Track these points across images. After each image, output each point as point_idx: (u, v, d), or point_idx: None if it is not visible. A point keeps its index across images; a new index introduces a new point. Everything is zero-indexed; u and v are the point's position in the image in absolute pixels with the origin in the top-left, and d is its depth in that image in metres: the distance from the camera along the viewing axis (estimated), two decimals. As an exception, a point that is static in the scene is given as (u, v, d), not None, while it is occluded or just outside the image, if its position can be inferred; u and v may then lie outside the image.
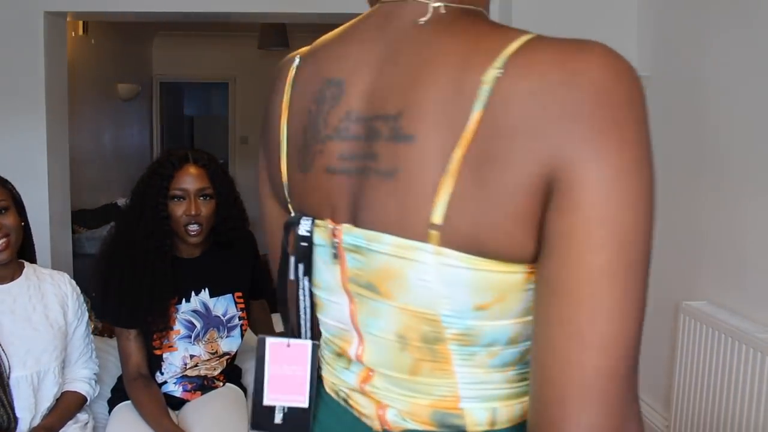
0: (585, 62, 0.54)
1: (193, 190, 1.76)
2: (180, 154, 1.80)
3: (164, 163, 1.77)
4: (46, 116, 3.33)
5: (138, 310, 1.72)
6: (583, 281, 0.53)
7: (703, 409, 2.35)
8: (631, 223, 0.55)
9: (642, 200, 0.56)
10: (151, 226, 1.73)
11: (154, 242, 1.73)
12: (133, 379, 1.75)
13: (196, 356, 1.84)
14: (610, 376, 0.54)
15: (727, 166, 2.43)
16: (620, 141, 0.55)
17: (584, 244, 0.53)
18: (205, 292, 1.85)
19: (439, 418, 0.66)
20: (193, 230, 1.77)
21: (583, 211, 0.53)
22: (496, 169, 0.55)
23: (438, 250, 0.58)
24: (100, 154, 5.33)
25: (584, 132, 0.53)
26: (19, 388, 1.60)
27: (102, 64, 5.31)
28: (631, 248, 0.55)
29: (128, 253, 1.72)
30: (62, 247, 3.55)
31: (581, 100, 0.53)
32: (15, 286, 1.68)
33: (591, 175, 0.53)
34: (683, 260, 2.72)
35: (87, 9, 3.37)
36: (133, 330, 1.75)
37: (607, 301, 0.54)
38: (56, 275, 1.79)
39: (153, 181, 1.75)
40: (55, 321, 1.70)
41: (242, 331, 1.91)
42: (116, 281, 1.73)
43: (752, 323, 2.22)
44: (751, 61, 2.30)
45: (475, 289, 0.59)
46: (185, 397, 1.85)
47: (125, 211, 1.80)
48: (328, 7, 3.32)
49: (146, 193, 1.75)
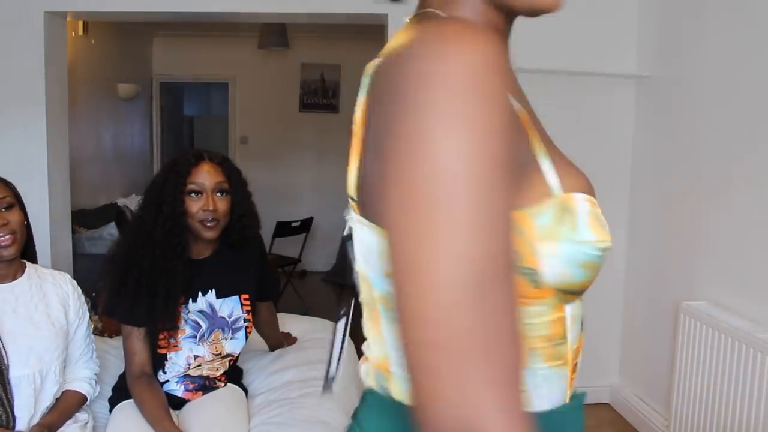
0: (407, 50, 0.56)
1: (210, 186, 1.78)
2: (195, 152, 1.83)
3: (180, 161, 1.79)
4: (46, 116, 3.33)
5: (151, 308, 1.72)
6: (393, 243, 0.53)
7: (703, 409, 2.35)
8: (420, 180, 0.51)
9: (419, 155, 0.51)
10: (169, 223, 1.73)
11: (173, 239, 1.74)
12: (137, 377, 1.76)
13: (200, 356, 1.84)
14: (425, 345, 0.49)
15: (726, 166, 2.43)
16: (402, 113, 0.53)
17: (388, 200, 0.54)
18: (211, 293, 1.86)
19: (378, 378, 0.70)
20: (211, 223, 1.78)
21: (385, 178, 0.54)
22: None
23: (358, 218, 0.66)
24: (100, 154, 5.33)
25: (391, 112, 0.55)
26: (21, 387, 1.60)
27: (102, 64, 5.31)
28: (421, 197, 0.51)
29: (148, 251, 1.73)
30: (62, 247, 3.55)
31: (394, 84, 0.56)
32: (17, 286, 1.68)
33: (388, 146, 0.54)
34: (683, 260, 2.72)
35: (87, 9, 3.37)
36: (142, 328, 1.76)
37: (406, 255, 0.51)
38: (57, 275, 1.80)
39: (169, 178, 1.76)
40: (56, 320, 1.70)
41: (247, 333, 1.92)
42: (134, 279, 1.73)
43: (752, 323, 2.22)
44: (751, 61, 2.30)
45: (384, 257, 0.59)
46: (186, 396, 1.86)
47: (142, 209, 1.80)
48: (328, 7, 3.33)
49: (163, 190, 1.76)
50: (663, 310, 2.86)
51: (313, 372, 2.04)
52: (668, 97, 2.87)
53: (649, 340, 2.99)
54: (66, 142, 3.59)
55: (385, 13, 3.31)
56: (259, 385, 2.03)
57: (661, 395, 2.86)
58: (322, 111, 6.72)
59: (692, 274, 2.65)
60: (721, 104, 2.47)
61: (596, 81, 3.08)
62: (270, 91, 6.65)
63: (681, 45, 2.76)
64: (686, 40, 2.72)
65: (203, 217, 1.77)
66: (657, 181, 2.95)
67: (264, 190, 7.07)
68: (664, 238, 2.89)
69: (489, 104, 0.52)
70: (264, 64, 6.59)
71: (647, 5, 3.00)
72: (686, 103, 2.71)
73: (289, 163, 6.74)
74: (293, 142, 6.71)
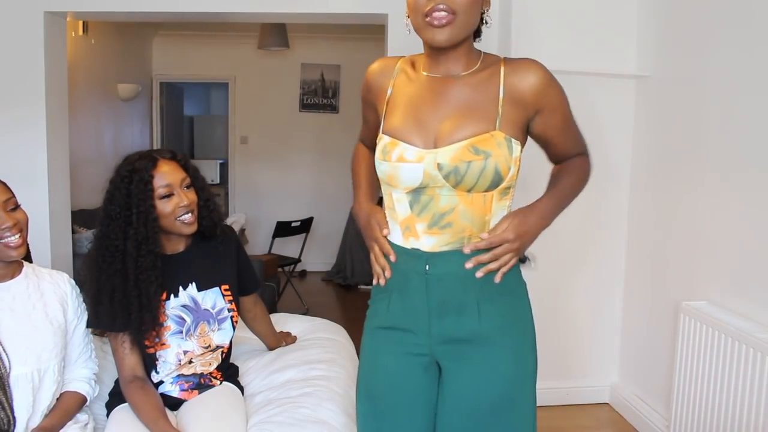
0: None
1: (176, 182, 1.78)
2: (145, 155, 1.80)
3: (137, 168, 1.75)
4: (46, 116, 3.34)
5: (129, 312, 1.72)
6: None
7: (703, 409, 2.35)
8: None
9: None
10: (143, 232, 1.72)
11: (147, 247, 1.73)
12: (129, 381, 1.75)
13: (189, 351, 1.84)
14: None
15: (726, 166, 2.43)
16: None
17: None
18: (192, 287, 1.86)
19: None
20: (188, 219, 1.79)
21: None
22: None
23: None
24: (100, 154, 5.33)
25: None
26: (19, 387, 1.59)
27: (102, 64, 5.32)
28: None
29: (121, 264, 1.72)
30: (62, 247, 3.55)
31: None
32: (14, 284, 1.68)
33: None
34: (683, 260, 2.72)
35: (87, 9, 3.37)
36: (126, 332, 1.75)
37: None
38: (55, 274, 1.80)
39: (133, 187, 1.73)
40: (54, 318, 1.70)
41: (233, 323, 1.92)
42: (108, 292, 1.72)
43: (752, 323, 2.22)
44: (751, 60, 2.30)
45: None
46: (182, 396, 1.85)
47: (105, 226, 1.75)
48: (328, 7, 3.33)
49: (128, 202, 1.73)
50: (663, 310, 2.85)
51: (313, 371, 2.04)
52: (668, 97, 2.86)
53: (649, 340, 2.99)
54: (66, 142, 3.59)
55: (385, 13, 3.31)
56: (259, 384, 2.02)
57: (661, 395, 2.86)
58: (322, 111, 6.72)
59: (692, 274, 2.65)
60: (721, 104, 2.47)
61: (596, 81, 3.08)
62: (270, 91, 6.65)
63: (681, 45, 2.76)
64: (686, 40, 2.72)
65: (180, 213, 1.77)
66: (657, 180, 2.94)
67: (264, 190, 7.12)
68: (664, 238, 2.88)
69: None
70: (264, 64, 6.59)
71: (647, 5, 3.00)
72: (686, 103, 2.71)
73: (289, 163, 6.74)
74: (293, 142, 6.71)
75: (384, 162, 1.33)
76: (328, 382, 1.98)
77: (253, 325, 2.18)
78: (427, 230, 1.31)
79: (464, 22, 1.27)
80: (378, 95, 1.43)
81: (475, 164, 1.25)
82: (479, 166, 1.25)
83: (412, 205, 1.31)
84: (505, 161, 1.26)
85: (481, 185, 1.27)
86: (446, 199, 1.29)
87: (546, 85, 1.31)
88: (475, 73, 1.34)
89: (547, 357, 3.34)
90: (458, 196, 1.29)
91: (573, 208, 1.45)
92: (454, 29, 1.26)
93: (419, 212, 1.31)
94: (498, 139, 1.27)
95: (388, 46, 3.34)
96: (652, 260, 2.99)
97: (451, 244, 1.31)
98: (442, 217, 1.30)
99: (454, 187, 1.28)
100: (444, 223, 1.30)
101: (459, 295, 1.32)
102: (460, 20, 1.26)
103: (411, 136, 1.31)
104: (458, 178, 1.26)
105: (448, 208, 1.29)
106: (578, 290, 3.22)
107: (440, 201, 1.29)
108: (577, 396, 3.29)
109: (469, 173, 1.26)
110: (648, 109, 3.03)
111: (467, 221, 1.30)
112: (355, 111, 7.47)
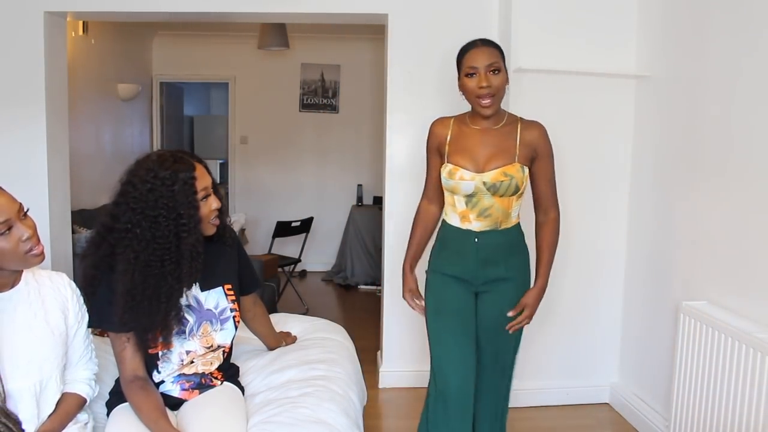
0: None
1: (210, 186, 1.80)
2: (179, 158, 1.76)
3: (181, 168, 1.72)
4: (46, 116, 3.34)
5: (157, 312, 1.71)
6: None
7: (703, 409, 2.35)
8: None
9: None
10: (195, 234, 1.72)
11: (198, 248, 1.74)
12: (130, 381, 1.74)
13: (192, 351, 1.84)
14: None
15: (726, 166, 2.43)
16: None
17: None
18: (196, 287, 1.86)
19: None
20: (216, 222, 1.83)
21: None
22: None
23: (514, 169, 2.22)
24: (100, 154, 5.33)
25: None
26: (22, 400, 1.57)
27: (102, 64, 5.32)
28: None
29: (174, 266, 1.70)
30: (62, 247, 3.55)
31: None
32: (15, 293, 1.63)
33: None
34: (683, 260, 2.72)
35: (87, 9, 3.37)
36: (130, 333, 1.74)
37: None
38: (55, 277, 1.76)
39: (177, 190, 1.70)
40: (56, 327, 1.67)
41: (235, 323, 1.92)
42: (145, 294, 1.69)
43: (752, 323, 2.22)
44: (750, 60, 2.30)
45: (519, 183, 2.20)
46: (183, 396, 1.85)
47: (153, 231, 1.68)
48: (328, 7, 3.33)
49: (175, 205, 1.69)
50: (663, 310, 2.86)
51: (313, 372, 2.04)
52: (668, 97, 2.86)
53: (649, 340, 2.99)
54: (66, 142, 3.59)
55: (385, 13, 3.31)
56: (259, 385, 2.02)
57: (661, 395, 2.86)
58: (322, 111, 6.72)
59: (692, 274, 2.65)
60: (720, 104, 2.47)
61: (596, 81, 3.08)
62: (270, 91, 6.65)
63: (681, 45, 2.76)
64: (686, 40, 2.72)
65: (212, 216, 1.80)
66: (657, 180, 2.94)
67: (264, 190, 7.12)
68: (663, 238, 2.89)
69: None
70: (264, 64, 6.59)
71: (647, 5, 3.00)
72: (686, 103, 2.71)
73: (289, 163, 6.74)
74: (293, 142, 6.71)
75: (450, 180, 2.16)
76: (328, 382, 1.98)
77: (252, 325, 2.19)
78: (476, 218, 2.17)
79: (499, 98, 2.12)
80: (441, 140, 2.22)
81: (505, 182, 2.11)
82: (507, 183, 2.11)
83: (467, 203, 2.17)
84: (520, 180, 2.13)
85: (508, 193, 2.13)
86: (487, 200, 2.14)
87: (543, 138, 2.16)
88: (502, 127, 2.17)
89: (547, 357, 3.36)
90: (494, 199, 2.14)
91: (573, 207, 1.45)
92: (494, 105, 2.11)
93: (471, 208, 2.17)
94: (517, 167, 2.12)
95: (388, 46, 3.34)
96: (652, 260, 2.99)
97: (490, 226, 2.17)
98: (485, 211, 2.16)
99: (492, 194, 2.13)
100: (486, 214, 2.16)
101: (494, 256, 2.19)
102: (497, 99, 2.11)
103: (466, 164, 2.15)
104: (495, 189, 2.12)
105: (489, 205, 2.15)
106: (578, 290, 3.22)
107: (484, 201, 2.15)
108: (577, 396, 3.29)
109: (501, 187, 2.11)
110: (648, 109, 3.03)
111: (499, 213, 2.16)
112: (354, 111, 7.50)
